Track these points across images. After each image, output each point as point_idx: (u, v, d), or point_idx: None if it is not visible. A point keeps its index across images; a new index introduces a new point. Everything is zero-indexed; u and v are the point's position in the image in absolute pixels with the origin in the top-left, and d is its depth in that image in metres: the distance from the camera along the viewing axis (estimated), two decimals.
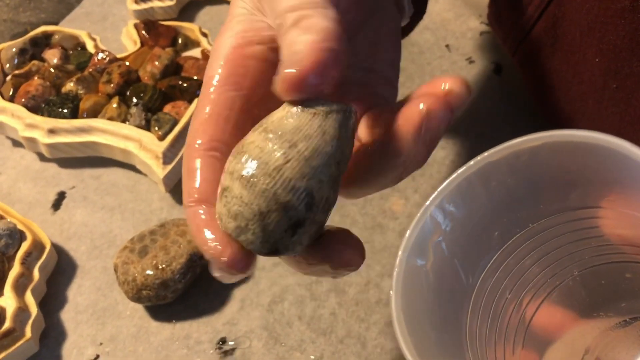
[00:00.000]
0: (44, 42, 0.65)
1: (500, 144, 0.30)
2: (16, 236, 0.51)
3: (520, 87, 0.61)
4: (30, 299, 0.49)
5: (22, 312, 0.48)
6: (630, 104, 0.43)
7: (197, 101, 0.31)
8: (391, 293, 0.28)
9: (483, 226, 0.30)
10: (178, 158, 0.56)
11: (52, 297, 0.51)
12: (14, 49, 0.63)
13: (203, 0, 0.72)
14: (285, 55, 0.27)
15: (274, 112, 0.28)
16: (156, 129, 0.57)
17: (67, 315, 0.50)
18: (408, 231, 0.29)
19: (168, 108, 0.59)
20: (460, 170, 0.29)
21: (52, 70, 0.61)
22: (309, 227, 0.27)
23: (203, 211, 0.28)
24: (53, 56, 0.64)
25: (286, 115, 0.27)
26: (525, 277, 0.31)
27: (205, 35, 0.66)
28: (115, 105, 0.58)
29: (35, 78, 0.61)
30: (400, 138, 0.28)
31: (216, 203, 0.28)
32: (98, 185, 0.58)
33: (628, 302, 0.31)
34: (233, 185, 0.27)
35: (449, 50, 0.66)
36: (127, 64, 0.61)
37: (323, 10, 0.28)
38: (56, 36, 0.65)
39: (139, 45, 0.64)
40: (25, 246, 0.51)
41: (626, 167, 0.26)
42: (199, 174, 0.29)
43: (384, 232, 0.53)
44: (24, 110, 0.59)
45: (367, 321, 0.49)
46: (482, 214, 0.30)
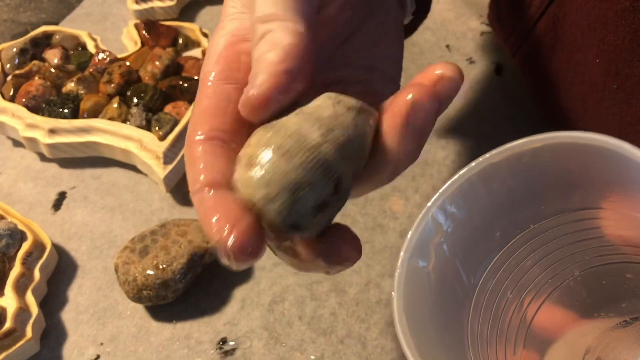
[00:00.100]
0: (44, 42, 0.65)
1: (501, 144, 0.30)
2: (17, 236, 0.51)
3: (520, 88, 0.61)
4: (31, 299, 0.49)
5: (23, 312, 0.48)
6: (631, 105, 0.43)
7: (196, 96, 0.31)
8: (393, 294, 0.28)
9: (484, 227, 0.30)
10: (179, 158, 0.56)
11: (53, 297, 0.51)
12: (15, 49, 0.63)
13: (203, 0, 0.72)
14: (251, 74, 0.28)
15: (311, 102, 0.29)
16: (157, 129, 0.57)
17: (68, 316, 0.50)
18: (410, 232, 0.29)
19: (169, 108, 0.59)
20: (462, 172, 0.29)
21: (53, 70, 0.61)
22: (329, 212, 0.27)
23: (210, 195, 0.27)
24: (54, 56, 0.64)
25: (322, 104, 0.28)
26: (526, 278, 0.31)
27: (205, 35, 0.66)
28: (115, 105, 0.58)
29: (36, 78, 0.61)
30: (387, 133, 0.28)
31: (237, 172, 0.27)
32: (98, 185, 0.58)
33: (629, 302, 0.31)
34: (267, 155, 0.27)
35: (450, 50, 0.66)
36: (128, 64, 0.61)
37: (289, 24, 0.29)
38: (57, 36, 0.65)
39: (139, 45, 0.64)
40: (26, 246, 0.51)
41: (627, 169, 0.26)
42: (202, 161, 0.28)
43: (384, 232, 0.53)
44: (24, 110, 0.59)
45: (368, 321, 0.49)
46: (484, 215, 0.30)
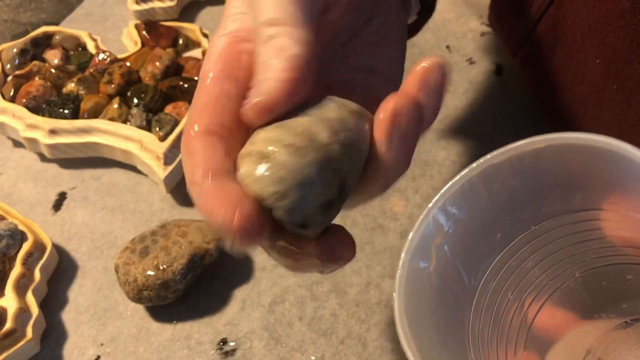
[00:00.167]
0: (44, 43, 0.65)
1: (501, 144, 0.30)
2: (17, 237, 0.51)
3: (520, 88, 0.61)
4: (31, 300, 0.49)
5: (23, 313, 0.48)
6: (631, 105, 0.43)
7: (195, 92, 0.31)
8: (394, 295, 0.28)
9: (485, 228, 0.30)
10: (179, 159, 0.56)
11: (53, 298, 0.51)
12: (15, 50, 0.63)
13: (204, 0, 0.72)
14: (256, 80, 0.28)
15: (315, 104, 0.29)
16: (157, 129, 0.57)
17: (68, 316, 0.50)
18: (411, 233, 0.29)
19: (169, 109, 0.59)
20: (463, 173, 0.29)
21: (53, 70, 0.61)
22: (333, 211, 0.28)
23: (210, 184, 0.27)
24: (54, 57, 0.64)
25: (327, 106, 0.28)
26: (527, 279, 0.31)
27: (206, 35, 0.66)
28: (116, 105, 0.58)
29: (36, 78, 0.61)
30: (376, 142, 0.28)
31: (244, 167, 0.27)
32: (99, 185, 0.58)
33: (629, 304, 0.31)
34: (278, 151, 0.27)
35: (450, 51, 0.66)
36: (128, 64, 0.61)
37: (295, 31, 0.29)
38: (57, 37, 0.65)
39: (139, 45, 0.64)
40: (26, 247, 0.51)
41: (628, 170, 0.26)
42: (200, 153, 0.28)
43: (384, 233, 0.53)
44: (24, 110, 0.59)
45: (368, 322, 0.49)
46: (485, 216, 0.30)
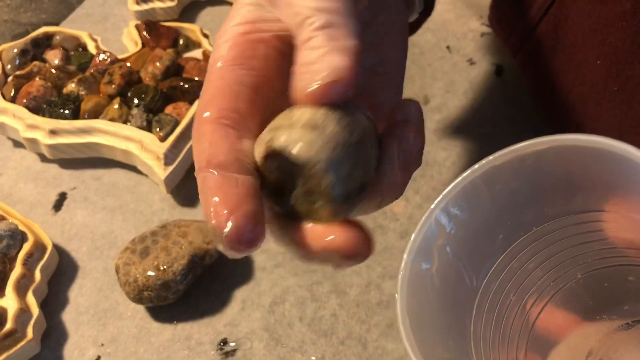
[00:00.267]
0: (45, 43, 0.65)
1: (501, 144, 0.30)
2: (18, 237, 0.51)
3: (521, 89, 0.61)
4: (31, 300, 0.49)
5: (24, 313, 0.48)
6: (631, 106, 0.43)
7: (205, 79, 0.30)
8: (396, 296, 0.28)
9: (487, 229, 0.30)
10: (180, 159, 0.56)
11: (54, 298, 0.51)
12: (15, 50, 0.63)
13: (204, 1, 0.72)
14: (315, 65, 0.27)
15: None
16: (157, 130, 0.57)
17: (69, 316, 0.50)
18: (413, 234, 0.29)
19: (169, 109, 0.59)
20: (465, 174, 0.29)
21: (54, 71, 0.61)
22: (360, 199, 0.28)
23: (213, 176, 0.27)
24: (54, 57, 0.64)
25: (348, 107, 0.28)
26: (529, 280, 0.31)
27: (206, 36, 0.65)
28: (116, 106, 0.58)
29: (37, 79, 0.61)
30: (381, 163, 0.29)
31: (290, 133, 0.27)
32: (99, 186, 0.58)
33: (631, 305, 0.31)
34: (330, 123, 0.27)
35: (450, 51, 0.66)
36: (129, 65, 0.61)
37: (350, 22, 0.28)
38: (57, 37, 0.65)
39: (140, 46, 0.64)
40: (26, 247, 0.51)
41: (630, 171, 0.26)
42: (209, 139, 0.28)
43: (384, 233, 0.53)
44: (25, 111, 0.58)
45: (368, 322, 0.49)
46: (487, 217, 0.30)
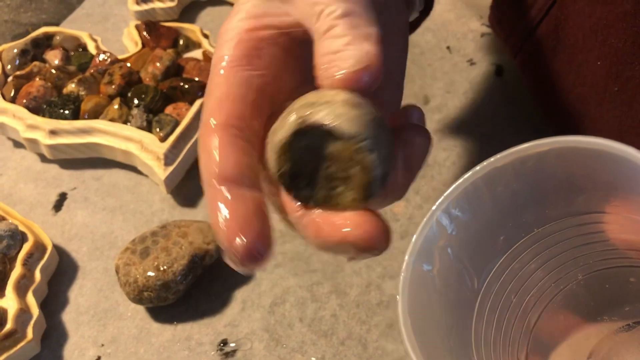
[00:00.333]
0: (45, 43, 0.65)
1: (502, 145, 0.30)
2: (18, 237, 0.51)
3: (521, 89, 0.61)
4: (31, 300, 0.49)
5: (24, 314, 0.48)
6: (632, 107, 0.43)
7: (209, 80, 0.29)
8: (398, 297, 0.28)
9: (488, 231, 0.30)
10: (180, 159, 0.56)
11: (54, 298, 0.51)
12: (15, 50, 0.63)
13: (204, 1, 0.72)
14: (342, 52, 0.27)
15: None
16: (157, 130, 0.57)
17: (69, 317, 0.50)
18: (414, 236, 0.29)
19: (169, 109, 0.59)
20: (466, 175, 0.29)
21: (54, 71, 0.61)
22: (384, 185, 0.28)
23: (223, 193, 0.27)
24: (54, 57, 0.63)
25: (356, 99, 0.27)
26: (530, 281, 0.31)
27: (206, 36, 0.65)
28: (116, 106, 0.58)
29: (37, 79, 0.61)
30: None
31: (326, 110, 0.26)
32: (99, 186, 0.58)
33: (632, 306, 0.31)
34: (363, 103, 0.27)
35: (450, 51, 0.66)
36: (129, 65, 0.61)
37: (369, 10, 0.28)
38: (57, 37, 0.65)
39: (140, 46, 0.64)
40: (26, 247, 0.51)
41: (631, 173, 0.26)
42: (217, 151, 0.28)
43: None
44: (25, 111, 0.58)
45: (368, 323, 0.49)
46: (488, 218, 0.30)
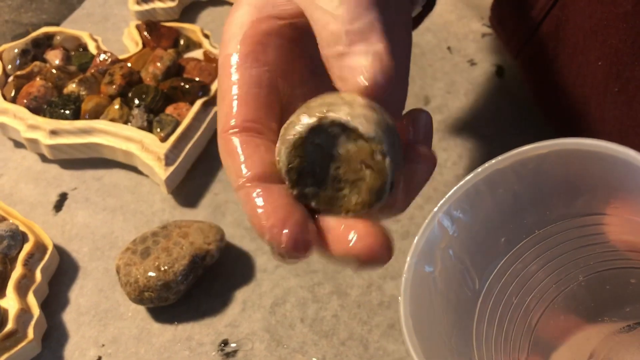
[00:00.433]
0: (45, 43, 0.65)
1: (502, 145, 0.30)
2: (18, 237, 0.51)
3: (522, 89, 0.61)
4: (32, 301, 0.49)
5: (25, 314, 0.48)
6: (632, 107, 0.43)
7: (218, 82, 0.29)
8: (400, 299, 0.28)
9: (490, 232, 0.30)
10: (180, 159, 0.56)
11: (54, 299, 0.51)
12: (16, 50, 0.63)
13: (205, 1, 0.72)
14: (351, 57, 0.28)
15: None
16: (158, 130, 0.57)
17: (69, 317, 0.50)
18: (416, 237, 0.29)
19: (170, 109, 0.59)
20: (468, 177, 0.29)
21: (54, 71, 0.61)
22: (391, 192, 0.28)
23: (257, 192, 0.27)
24: (55, 57, 0.63)
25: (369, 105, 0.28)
26: (531, 283, 0.31)
27: (207, 36, 0.65)
28: (117, 106, 0.58)
29: (37, 79, 0.61)
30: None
31: (352, 110, 0.27)
32: (100, 186, 0.58)
33: (632, 307, 0.31)
34: (376, 107, 0.27)
35: (451, 52, 0.66)
36: (129, 65, 0.61)
37: (370, 14, 0.29)
38: (58, 37, 0.65)
39: (140, 46, 0.64)
40: (27, 247, 0.51)
41: (631, 175, 0.26)
42: (242, 154, 0.28)
43: None
44: (26, 111, 0.58)
45: (369, 323, 0.49)
46: (489, 220, 0.30)
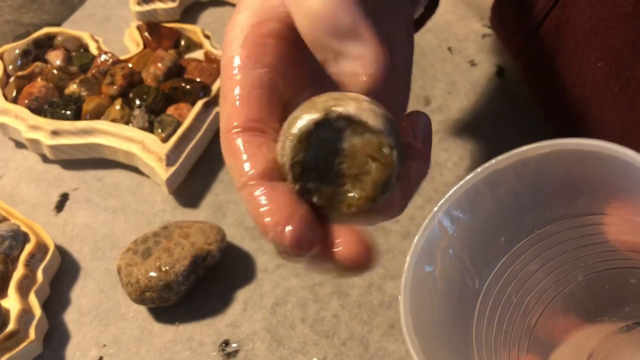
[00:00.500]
0: (46, 44, 0.65)
1: (502, 146, 0.30)
2: (20, 238, 0.51)
3: (522, 90, 0.61)
4: (34, 301, 0.49)
5: (26, 314, 0.48)
6: (632, 108, 0.43)
7: (221, 84, 0.30)
8: (400, 298, 0.28)
9: (490, 232, 0.30)
10: (181, 160, 0.56)
11: (56, 299, 0.51)
12: (17, 51, 0.63)
13: (206, 2, 0.72)
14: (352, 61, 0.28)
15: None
16: (159, 130, 0.57)
17: (71, 317, 0.51)
18: (416, 237, 0.29)
19: (171, 110, 0.59)
20: (468, 177, 0.29)
21: (55, 71, 0.61)
22: (393, 188, 0.28)
23: (260, 190, 0.27)
24: (56, 58, 0.64)
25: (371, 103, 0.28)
26: (531, 282, 0.31)
27: (208, 37, 0.66)
28: (118, 107, 0.58)
29: (38, 79, 0.61)
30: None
31: (356, 106, 0.27)
32: (101, 187, 0.58)
33: (632, 307, 0.31)
34: (376, 103, 0.28)
35: (451, 52, 0.66)
36: (130, 65, 0.62)
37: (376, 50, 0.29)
38: (59, 37, 0.65)
39: (141, 47, 0.64)
40: (29, 248, 0.51)
41: (631, 175, 0.26)
42: (245, 153, 0.28)
43: (386, 235, 0.53)
44: (27, 111, 0.59)
45: (370, 324, 0.49)
46: (489, 220, 0.30)
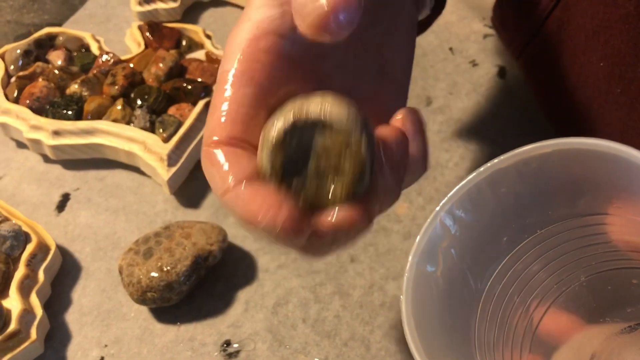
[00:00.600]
0: (48, 44, 0.65)
1: (504, 146, 0.30)
2: (21, 238, 0.51)
3: (524, 90, 0.61)
4: (35, 301, 0.49)
5: (27, 314, 0.48)
6: (634, 109, 0.43)
7: (213, 95, 0.31)
8: (401, 298, 0.28)
9: (492, 232, 0.30)
10: (183, 160, 0.56)
11: (57, 299, 0.51)
12: (18, 51, 0.63)
13: (207, 2, 0.72)
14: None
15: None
16: (160, 131, 0.57)
17: (72, 317, 0.50)
18: (418, 236, 0.29)
19: (172, 110, 0.59)
20: (470, 177, 0.29)
21: (57, 71, 0.61)
22: (368, 178, 0.28)
23: (244, 190, 0.28)
24: (57, 58, 0.64)
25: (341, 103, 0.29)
26: (533, 283, 0.31)
27: (209, 37, 0.66)
28: (119, 107, 0.58)
29: (40, 80, 0.61)
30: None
31: (331, 106, 0.28)
32: (102, 187, 0.58)
33: (634, 308, 0.31)
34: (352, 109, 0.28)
35: (453, 52, 0.66)
36: (132, 65, 0.62)
37: None
38: (60, 38, 0.65)
39: (142, 47, 0.64)
40: (30, 248, 0.51)
41: (633, 175, 0.26)
42: (226, 162, 0.29)
43: (388, 235, 0.53)
44: (28, 111, 0.59)
45: (372, 324, 0.49)
46: (491, 219, 0.30)
